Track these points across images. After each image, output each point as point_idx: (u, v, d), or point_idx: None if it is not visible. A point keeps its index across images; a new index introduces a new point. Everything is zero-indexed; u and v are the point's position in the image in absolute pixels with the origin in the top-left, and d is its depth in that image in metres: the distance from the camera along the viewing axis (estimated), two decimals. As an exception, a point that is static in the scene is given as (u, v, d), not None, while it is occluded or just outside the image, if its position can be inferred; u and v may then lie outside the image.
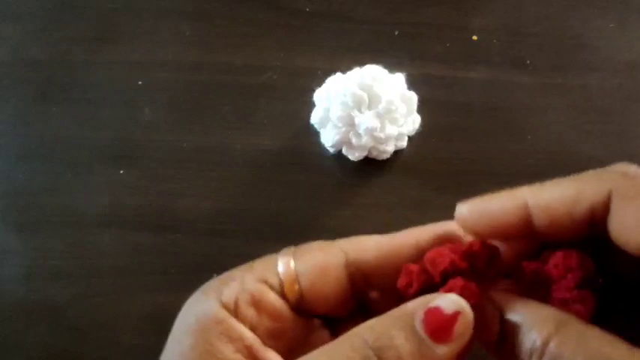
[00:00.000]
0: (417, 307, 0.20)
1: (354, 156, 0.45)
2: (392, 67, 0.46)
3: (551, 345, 0.19)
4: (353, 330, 0.20)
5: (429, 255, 0.23)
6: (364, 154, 0.45)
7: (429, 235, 0.24)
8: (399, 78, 0.45)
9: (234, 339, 0.22)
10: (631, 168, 0.21)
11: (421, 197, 0.45)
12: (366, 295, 0.25)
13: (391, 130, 0.44)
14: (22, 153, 0.47)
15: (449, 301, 0.20)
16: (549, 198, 0.21)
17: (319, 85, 0.46)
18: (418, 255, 0.23)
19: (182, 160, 0.46)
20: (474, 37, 0.51)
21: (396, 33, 0.51)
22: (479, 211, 0.23)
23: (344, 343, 0.20)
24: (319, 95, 0.46)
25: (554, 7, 0.52)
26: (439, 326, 0.20)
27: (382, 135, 0.43)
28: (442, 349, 0.19)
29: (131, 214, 0.44)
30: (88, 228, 0.44)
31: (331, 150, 0.46)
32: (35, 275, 0.43)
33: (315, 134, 0.46)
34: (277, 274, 0.24)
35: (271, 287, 0.23)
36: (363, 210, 0.45)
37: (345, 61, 0.47)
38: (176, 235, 0.44)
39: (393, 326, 0.20)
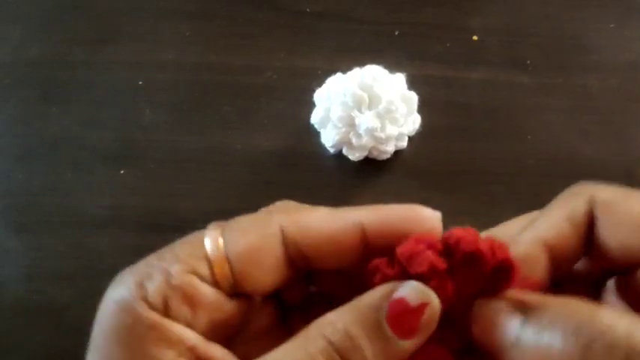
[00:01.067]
0: (381, 299, 0.19)
1: (354, 156, 0.45)
2: (392, 67, 0.46)
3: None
4: (313, 326, 0.19)
5: (402, 250, 0.20)
6: (364, 154, 0.45)
7: (376, 219, 0.21)
8: (400, 78, 0.45)
9: (173, 343, 0.19)
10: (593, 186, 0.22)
11: (421, 197, 0.45)
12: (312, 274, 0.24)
13: (391, 130, 0.44)
14: (22, 153, 0.47)
15: (414, 291, 0.19)
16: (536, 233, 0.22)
17: (319, 85, 0.46)
18: (363, 237, 0.21)
19: (182, 160, 0.46)
20: (475, 38, 0.51)
21: (397, 33, 0.51)
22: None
23: (306, 342, 0.19)
24: (319, 95, 0.46)
25: (555, 8, 0.52)
26: (405, 321, 0.19)
27: (382, 135, 0.43)
28: (406, 344, 0.19)
29: (131, 214, 0.44)
30: (88, 228, 0.44)
31: (331, 150, 0.46)
32: (35, 275, 0.43)
33: (315, 134, 0.46)
34: (205, 259, 0.21)
35: (202, 278, 0.21)
36: (364, 210, 0.44)
37: (346, 61, 0.47)
38: (176, 235, 0.43)
39: (357, 324, 0.19)
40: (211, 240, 0.22)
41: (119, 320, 0.20)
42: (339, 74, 0.46)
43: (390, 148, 0.45)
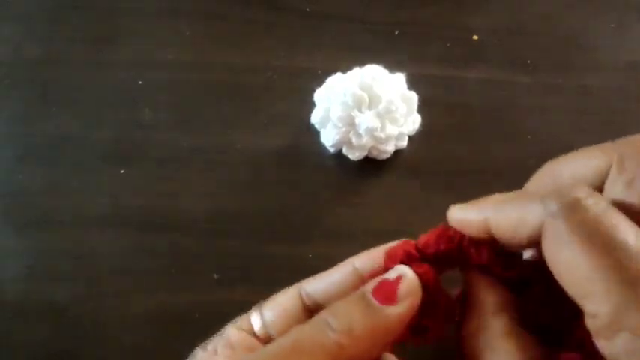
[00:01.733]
0: (369, 283, 0.24)
1: (354, 156, 0.45)
2: (392, 66, 0.46)
3: None
4: (319, 314, 0.23)
5: (384, 256, 0.26)
6: (364, 154, 0.45)
7: (364, 258, 0.28)
8: (400, 78, 0.45)
9: None
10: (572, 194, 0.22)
11: (421, 197, 0.45)
12: None
13: (391, 130, 0.44)
14: (22, 153, 0.47)
15: (393, 270, 0.24)
16: (501, 220, 0.24)
17: (319, 84, 0.46)
18: (360, 278, 0.27)
19: (182, 160, 0.46)
20: (475, 37, 0.51)
21: (397, 33, 0.51)
22: (457, 219, 0.26)
23: (310, 326, 0.23)
24: (319, 95, 0.46)
25: (555, 7, 0.52)
26: (384, 290, 0.23)
27: (382, 135, 0.43)
28: (390, 309, 0.22)
29: (131, 214, 0.44)
30: (89, 228, 0.44)
31: (331, 150, 0.46)
32: (35, 275, 0.43)
33: (315, 134, 0.46)
34: (249, 319, 0.28)
35: (244, 330, 0.27)
36: (364, 210, 0.45)
37: (346, 61, 0.47)
38: (176, 235, 0.44)
39: (350, 301, 0.23)
40: (256, 309, 0.28)
41: None
42: (339, 74, 0.46)
43: (390, 148, 0.45)
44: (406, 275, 0.23)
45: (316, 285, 0.28)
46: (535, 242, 0.22)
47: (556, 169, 0.27)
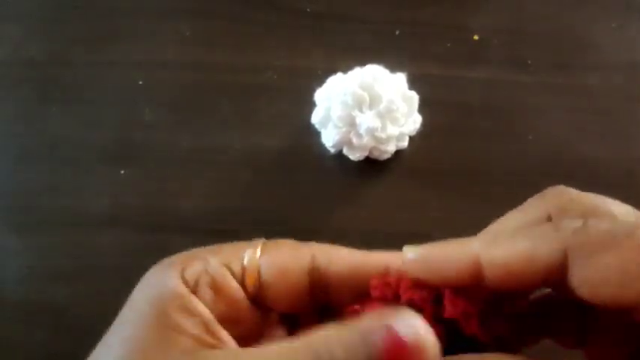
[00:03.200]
0: (377, 331, 0.18)
1: (354, 156, 0.45)
2: (393, 66, 0.46)
3: None
4: (309, 339, 0.19)
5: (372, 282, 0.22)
6: (365, 154, 0.45)
7: (398, 262, 0.22)
8: (400, 78, 0.45)
9: (193, 314, 0.22)
10: (568, 193, 0.21)
11: (422, 197, 0.45)
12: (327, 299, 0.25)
13: (392, 130, 0.44)
14: (22, 153, 0.47)
15: (405, 324, 0.18)
16: (503, 257, 0.20)
17: (320, 84, 0.46)
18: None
19: (182, 160, 0.46)
20: (475, 37, 0.51)
21: (397, 32, 0.51)
22: (427, 260, 0.21)
23: (295, 354, 0.19)
24: (320, 95, 0.45)
25: (556, 7, 0.52)
26: (398, 354, 0.18)
27: (383, 135, 0.43)
28: None
29: (131, 214, 0.44)
30: (88, 228, 0.44)
31: (332, 150, 0.45)
32: (35, 275, 0.43)
33: (315, 134, 0.46)
34: (241, 262, 0.24)
35: (233, 274, 0.23)
36: (364, 210, 0.44)
37: (346, 61, 0.47)
38: (176, 235, 0.44)
39: (347, 345, 0.18)
40: (251, 250, 0.24)
41: (154, 284, 0.23)
42: (339, 74, 0.46)
43: (391, 148, 0.45)
44: (426, 345, 0.18)
45: (333, 259, 0.24)
46: (550, 272, 0.19)
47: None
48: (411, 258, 0.21)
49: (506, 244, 0.20)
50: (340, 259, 0.24)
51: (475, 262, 0.20)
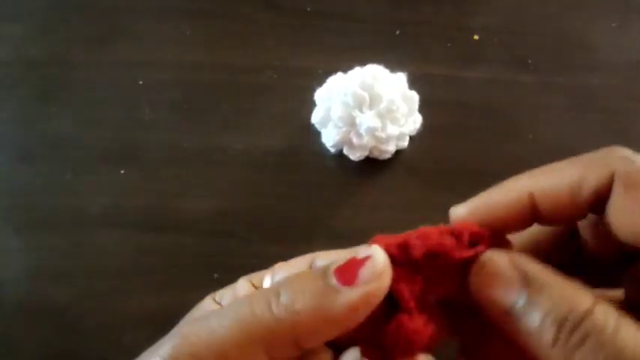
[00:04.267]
0: (339, 259, 0.21)
1: (355, 156, 0.45)
2: (393, 66, 0.46)
3: (591, 318, 0.18)
4: (276, 282, 0.22)
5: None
6: (365, 153, 0.45)
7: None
8: (400, 77, 0.45)
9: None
10: (628, 152, 0.21)
11: (422, 197, 0.45)
12: None
13: (392, 129, 0.44)
14: (22, 153, 0.47)
15: (363, 249, 0.20)
16: (553, 185, 0.21)
17: (320, 84, 0.46)
18: None
19: (182, 160, 0.46)
20: (475, 37, 0.51)
21: (397, 32, 0.51)
22: (479, 210, 0.22)
23: (257, 296, 0.21)
24: (320, 95, 0.45)
25: (556, 7, 0.52)
26: (347, 268, 0.20)
27: (383, 135, 0.43)
28: (345, 294, 0.19)
29: (131, 214, 0.44)
30: (89, 228, 0.44)
31: (332, 150, 0.45)
32: (36, 275, 0.43)
33: (316, 134, 0.46)
34: (262, 277, 0.27)
35: (255, 286, 0.27)
36: (364, 210, 0.44)
37: (346, 61, 0.47)
38: (176, 235, 0.44)
39: (308, 275, 0.21)
40: (271, 270, 0.27)
41: (191, 312, 0.27)
42: (339, 74, 0.46)
43: (391, 148, 0.45)
44: (375, 257, 0.20)
45: (326, 261, 0.26)
46: (598, 198, 0.20)
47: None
48: (462, 212, 0.22)
49: (555, 173, 0.21)
50: (333, 252, 0.25)
51: (528, 197, 0.21)
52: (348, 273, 0.20)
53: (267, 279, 0.26)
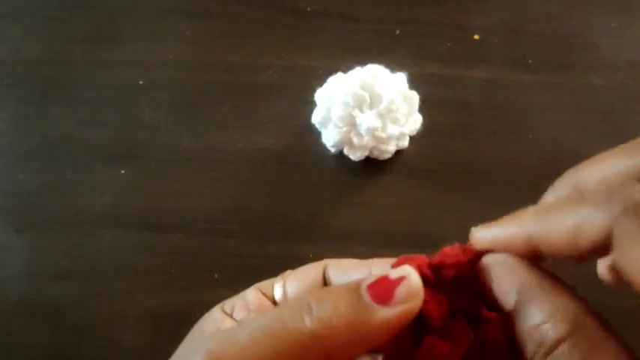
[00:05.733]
0: (369, 278, 0.21)
1: (355, 156, 0.45)
2: (393, 66, 0.46)
3: (562, 347, 0.19)
4: (306, 295, 0.22)
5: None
6: (365, 154, 0.45)
7: (383, 264, 0.26)
8: (401, 77, 0.45)
9: (216, 324, 0.26)
10: (631, 198, 0.21)
11: (423, 197, 0.45)
12: None
13: (392, 129, 0.44)
14: (22, 153, 0.47)
15: (397, 269, 0.21)
16: (550, 234, 0.21)
17: (320, 84, 0.46)
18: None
19: (182, 160, 0.46)
20: (476, 37, 0.51)
21: (398, 32, 0.51)
22: (491, 239, 0.23)
23: (290, 307, 0.21)
24: (320, 95, 0.45)
25: (556, 6, 0.52)
26: (381, 287, 0.20)
27: (383, 135, 0.43)
28: (381, 311, 0.20)
29: (131, 214, 0.44)
30: (89, 228, 0.44)
31: (332, 150, 0.45)
32: (35, 275, 0.43)
33: (316, 134, 0.46)
34: (272, 284, 0.27)
35: (265, 295, 0.27)
36: (365, 210, 0.44)
37: (347, 61, 0.47)
38: (176, 235, 0.44)
39: (341, 291, 0.21)
40: (281, 278, 0.28)
41: (199, 321, 0.27)
42: (339, 74, 0.45)
43: (392, 148, 0.45)
44: (410, 277, 0.21)
45: (338, 273, 0.27)
46: (597, 250, 0.20)
47: (578, 177, 0.24)
48: (479, 238, 0.23)
49: (556, 218, 0.21)
50: (348, 265, 0.27)
51: (530, 238, 0.22)
52: (383, 291, 0.20)
53: (278, 288, 0.27)
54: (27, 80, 0.49)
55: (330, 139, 0.45)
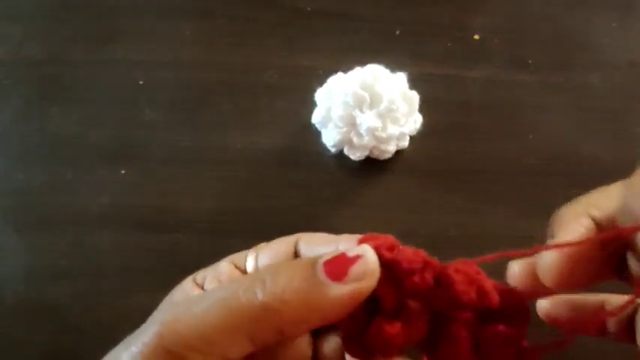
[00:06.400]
0: (326, 254, 0.21)
1: (355, 156, 0.45)
2: (393, 66, 0.46)
3: None
4: (262, 269, 0.22)
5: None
6: (365, 153, 0.45)
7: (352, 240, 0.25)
8: (401, 77, 0.45)
9: (186, 293, 0.26)
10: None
11: (423, 197, 0.45)
12: None
13: (393, 129, 0.44)
14: (22, 153, 0.47)
15: (355, 248, 0.21)
16: (552, 274, 0.22)
17: (320, 84, 0.46)
18: None
19: (182, 159, 0.46)
20: (476, 37, 0.51)
21: (398, 32, 0.51)
22: (517, 276, 0.24)
23: (243, 281, 0.21)
24: (320, 95, 0.45)
25: (556, 6, 0.52)
26: (336, 264, 0.20)
27: (384, 135, 0.43)
28: (333, 287, 0.20)
29: (131, 214, 0.44)
30: (89, 228, 0.44)
31: (332, 150, 0.45)
32: (35, 275, 0.43)
33: (316, 134, 0.46)
34: (245, 256, 0.27)
35: (238, 267, 0.26)
36: (365, 210, 0.44)
37: (347, 61, 0.47)
38: (176, 235, 0.44)
39: (297, 265, 0.21)
40: (254, 251, 0.27)
41: (171, 292, 0.28)
42: (340, 74, 0.45)
43: (392, 148, 0.45)
44: (366, 257, 0.20)
45: (308, 247, 0.26)
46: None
47: (581, 208, 0.24)
48: (518, 280, 0.24)
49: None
50: (317, 236, 0.26)
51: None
52: (338, 268, 0.20)
53: (250, 260, 0.26)
54: (27, 80, 0.49)
55: (330, 139, 0.45)
